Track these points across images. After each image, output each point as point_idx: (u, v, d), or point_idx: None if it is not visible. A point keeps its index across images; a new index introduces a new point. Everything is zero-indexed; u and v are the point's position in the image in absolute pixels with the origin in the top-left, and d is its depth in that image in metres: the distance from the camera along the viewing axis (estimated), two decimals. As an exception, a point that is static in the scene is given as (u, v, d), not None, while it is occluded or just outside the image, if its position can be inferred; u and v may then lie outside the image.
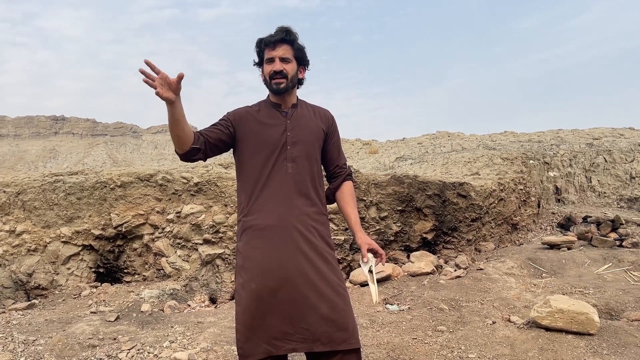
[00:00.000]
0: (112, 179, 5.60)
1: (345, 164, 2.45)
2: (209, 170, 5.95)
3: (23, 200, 5.48)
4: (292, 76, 2.20)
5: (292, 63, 2.20)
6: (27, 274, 5.27)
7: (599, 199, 9.36)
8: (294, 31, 2.20)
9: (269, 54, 2.18)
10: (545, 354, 3.37)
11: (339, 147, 2.43)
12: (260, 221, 2.13)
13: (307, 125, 2.25)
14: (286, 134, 2.19)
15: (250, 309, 2.08)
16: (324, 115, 2.36)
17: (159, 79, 1.88)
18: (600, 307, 4.35)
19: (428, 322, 4.08)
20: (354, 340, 2.10)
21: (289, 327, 2.06)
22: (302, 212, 2.16)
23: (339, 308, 2.09)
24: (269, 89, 2.24)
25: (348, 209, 2.36)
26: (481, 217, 6.61)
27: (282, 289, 2.07)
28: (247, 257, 2.15)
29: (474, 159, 8.60)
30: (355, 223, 2.33)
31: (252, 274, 2.11)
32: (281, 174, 2.16)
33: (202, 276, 5.46)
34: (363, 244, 2.25)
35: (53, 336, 3.86)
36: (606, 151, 9.95)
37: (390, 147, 15.65)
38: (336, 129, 2.41)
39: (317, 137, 2.28)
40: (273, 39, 2.17)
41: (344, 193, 2.39)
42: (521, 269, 5.63)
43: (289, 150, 2.18)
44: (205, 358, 3.46)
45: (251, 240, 2.15)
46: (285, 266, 2.08)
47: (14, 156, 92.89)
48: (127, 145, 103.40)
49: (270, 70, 2.17)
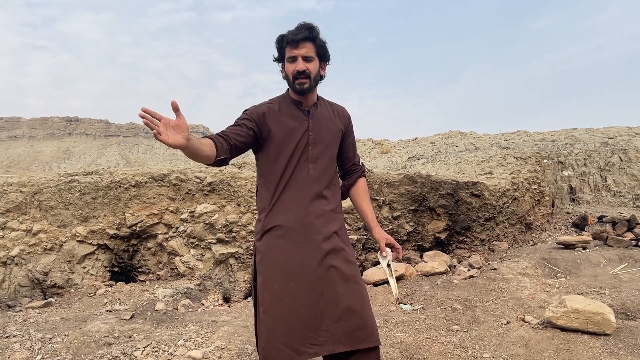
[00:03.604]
0: (126, 179, 5.64)
1: (360, 161, 2.46)
2: (222, 170, 5.98)
3: (39, 200, 5.54)
4: (315, 75, 2.16)
5: (314, 61, 2.15)
6: (44, 273, 5.33)
7: (614, 198, 9.26)
8: (316, 27, 2.13)
9: (291, 52, 2.13)
10: (560, 354, 3.34)
11: (354, 145, 2.44)
12: (282, 222, 2.13)
13: (327, 125, 2.25)
14: (308, 134, 2.18)
15: (272, 311, 2.07)
16: (342, 114, 2.35)
17: (162, 125, 1.68)
18: (616, 307, 4.30)
19: (442, 321, 4.06)
20: (374, 338, 2.10)
21: (310, 331, 2.05)
22: (322, 212, 2.16)
23: (357, 307, 2.10)
24: (292, 88, 2.19)
25: (364, 205, 2.37)
26: (495, 217, 6.57)
27: (303, 290, 2.07)
28: (268, 257, 2.14)
29: (487, 158, 8.54)
30: (372, 218, 2.34)
31: (273, 274, 2.11)
32: (303, 175, 2.16)
33: (216, 275, 5.49)
34: (381, 238, 2.26)
35: (69, 334, 3.91)
36: (621, 150, 9.83)
37: (402, 147, 15.60)
38: (352, 128, 2.41)
39: (336, 137, 2.28)
40: (296, 37, 2.10)
41: (359, 189, 2.40)
42: (535, 268, 5.59)
43: (310, 150, 2.18)
44: (219, 356, 3.48)
45: (272, 240, 2.14)
46: (307, 266, 2.09)
47: (29, 157, 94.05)
48: (139, 146, 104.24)
49: (293, 70, 2.13)
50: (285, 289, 2.07)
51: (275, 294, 2.08)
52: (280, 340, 2.03)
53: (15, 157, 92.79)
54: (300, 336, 2.04)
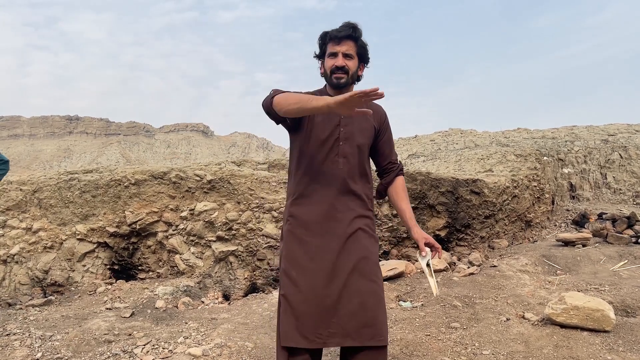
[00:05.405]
0: (126, 177, 5.65)
1: (397, 159, 2.46)
2: (222, 168, 5.99)
3: (39, 198, 5.55)
4: (353, 72, 2.20)
5: (354, 59, 2.19)
6: (44, 271, 5.34)
7: (614, 195, 9.25)
8: (360, 28, 2.19)
9: (333, 48, 2.18)
10: (560, 350, 3.34)
11: (391, 143, 2.44)
12: (305, 213, 2.19)
13: (360, 122, 2.26)
14: (339, 129, 2.21)
15: (289, 296, 2.14)
16: (377, 112, 2.36)
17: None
18: (616, 304, 4.30)
19: (441, 318, 4.07)
20: (381, 337, 2.12)
21: (321, 321, 2.09)
22: (348, 208, 2.19)
23: (370, 304, 2.12)
24: (329, 82, 2.24)
25: (402, 204, 2.37)
26: (495, 214, 6.57)
27: (319, 281, 2.11)
28: (288, 244, 2.21)
29: (487, 155, 8.54)
30: (411, 218, 2.34)
31: (292, 262, 2.18)
32: (332, 169, 2.19)
33: (216, 273, 5.50)
34: (420, 238, 2.26)
35: (69, 332, 3.91)
36: (622, 147, 9.83)
37: (403, 145, 15.59)
38: (388, 126, 2.41)
39: (369, 134, 2.29)
40: (340, 34, 2.16)
41: (397, 188, 2.40)
42: (535, 266, 5.59)
43: (341, 145, 2.20)
44: (219, 354, 3.49)
45: (294, 229, 2.20)
46: (324, 259, 2.13)
47: (29, 156, 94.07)
48: (140, 145, 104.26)
49: (332, 64, 2.17)
50: (301, 278, 2.13)
51: (293, 281, 2.14)
52: (292, 324, 2.10)
53: (16, 156, 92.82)
54: (311, 325, 2.09)
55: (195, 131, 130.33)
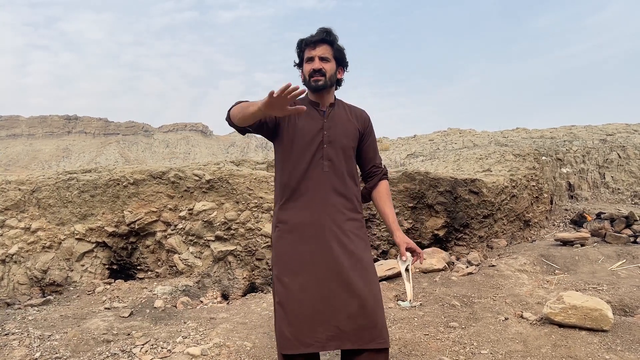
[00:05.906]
0: (124, 177, 5.65)
1: (381, 163, 2.47)
2: (220, 167, 5.99)
3: (38, 198, 5.55)
4: (330, 75, 2.22)
5: (331, 62, 2.22)
6: (42, 271, 5.34)
7: (612, 195, 9.27)
8: (334, 32, 2.23)
9: (309, 53, 2.22)
10: (558, 350, 3.35)
11: (375, 147, 2.45)
12: (294, 217, 2.19)
13: (343, 125, 2.28)
14: (323, 132, 2.23)
15: (283, 302, 2.14)
16: (360, 116, 2.38)
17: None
18: (614, 303, 4.31)
19: (440, 318, 4.07)
20: (382, 340, 2.11)
21: (319, 325, 2.09)
22: (337, 210, 2.20)
23: (368, 306, 2.11)
24: (308, 87, 2.26)
25: (385, 208, 2.38)
26: (493, 214, 6.58)
27: (313, 286, 2.11)
28: (279, 250, 2.21)
29: (486, 155, 8.55)
30: (393, 222, 2.34)
31: (284, 267, 2.17)
32: (317, 172, 2.20)
33: (215, 273, 5.50)
34: (402, 242, 2.26)
35: (68, 331, 3.91)
36: (620, 147, 9.84)
37: (401, 144, 15.60)
38: (372, 129, 2.43)
39: (353, 137, 2.31)
40: (314, 39, 2.21)
41: (381, 192, 2.41)
42: (534, 265, 5.60)
43: (325, 148, 2.21)
44: (217, 353, 3.49)
45: (284, 235, 2.20)
46: (316, 262, 2.12)
47: (28, 155, 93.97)
48: (138, 144, 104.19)
49: (310, 68, 2.21)
50: (294, 284, 2.12)
51: (286, 287, 2.14)
52: (288, 330, 2.10)
53: (14, 156, 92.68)
54: (308, 329, 2.08)
55: (194, 131, 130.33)
